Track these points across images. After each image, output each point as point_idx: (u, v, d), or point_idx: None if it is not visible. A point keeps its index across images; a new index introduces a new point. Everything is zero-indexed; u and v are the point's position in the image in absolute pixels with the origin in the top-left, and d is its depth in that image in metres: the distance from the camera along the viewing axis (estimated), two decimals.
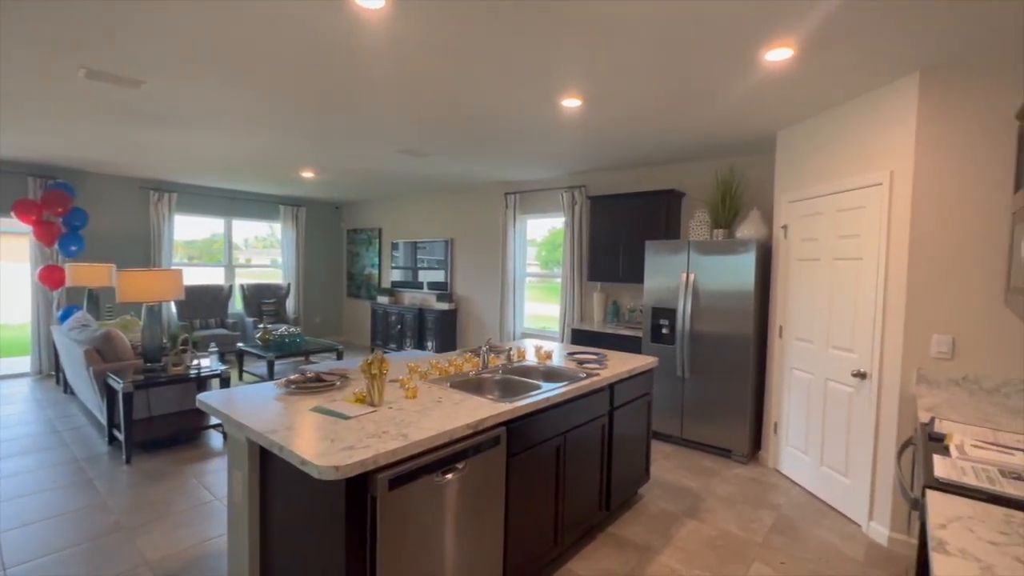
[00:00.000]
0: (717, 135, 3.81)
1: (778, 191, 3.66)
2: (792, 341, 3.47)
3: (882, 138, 2.73)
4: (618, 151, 4.43)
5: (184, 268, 7.08)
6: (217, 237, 7.68)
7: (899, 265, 2.61)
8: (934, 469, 1.42)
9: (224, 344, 6.68)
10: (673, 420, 4.07)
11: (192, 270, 7.38)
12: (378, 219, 8.37)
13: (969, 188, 2.42)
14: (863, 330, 2.83)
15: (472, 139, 4.14)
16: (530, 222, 6.34)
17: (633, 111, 3.28)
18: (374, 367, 1.89)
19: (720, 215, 4.12)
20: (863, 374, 2.81)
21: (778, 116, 3.32)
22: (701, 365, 3.90)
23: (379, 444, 1.51)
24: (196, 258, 7.63)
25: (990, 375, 2.39)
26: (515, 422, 1.99)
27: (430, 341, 6.96)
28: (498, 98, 3.09)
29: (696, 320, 3.92)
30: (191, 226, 7.40)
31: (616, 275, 4.97)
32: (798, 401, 3.39)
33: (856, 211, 2.90)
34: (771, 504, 3.08)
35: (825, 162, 3.18)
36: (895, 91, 2.65)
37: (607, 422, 2.64)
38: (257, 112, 3.50)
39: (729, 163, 4.53)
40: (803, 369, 3.35)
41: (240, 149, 4.69)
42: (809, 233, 3.31)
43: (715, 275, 3.81)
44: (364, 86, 2.93)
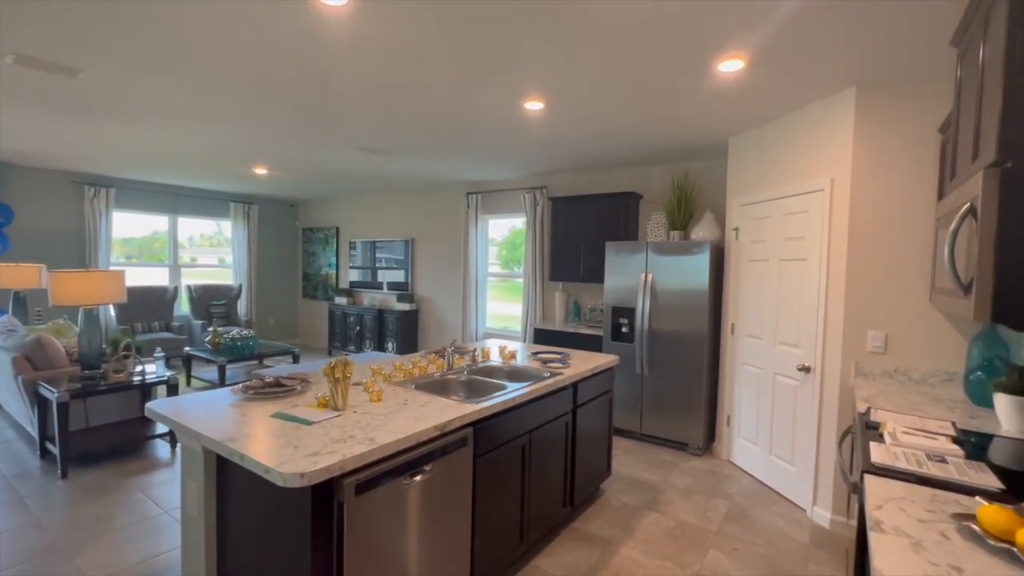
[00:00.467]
0: (674, 140, 3.95)
1: (730, 195, 3.84)
2: (743, 338, 3.64)
3: (823, 147, 2.92)
4: (579, 153, 4.52)
5: (124, 268, 6.69)
6: (159, 235, 7.26)
7: (839, 266, 2.79)
8: (871, 455, 1.54)
9: (170, 348, 6.33)
10: (632, 416, 4.19)
11: (133, 270, 6.94)
12: (335, 218, 8.16)
13: (900, 196, 2.63)
14: (807, 327, 3.01)
15: (434, 139, 4.12)
16: (491, 222, 6.36)
17: (594, 115, 3.36)
18: (337, 371, 1.85)
19: (676, 217, 4.28)
20: (807, 368, 2.99)
21: (730, 123, 3.48)
22: (659, 362, 4.04)
23: (345, 449, 1.49)
24: (135, 257, 7.16)
25: (918, 367, 2.60)
26: (482, 422, 2.00)
27: (391, 342, 6.85)
28: (461, 99, 3.09)
29: (654, 319, 4.05)
30: (130, 223, 6.95)
31: (577, 275, 5.07)
32: (749, 395, 3.57)
33: (801, 215, 3.09)
34: (725, 494, 3.23)
35: (773, 168, 3.36)
36: (834, 104, 2.84)
37: (571, 420, 2.69)
38: (207, 106, 3.34)
39: (685, 167, 4.71)
40: (753, 364, 3.53)
41: (188, 144, 4.46)
42: (758, 235, 3.49)
43: (672, 275, 3.95)
44: (324, 83, 2.86)
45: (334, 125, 3.76)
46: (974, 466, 1.47)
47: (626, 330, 4.23)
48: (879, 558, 1.03)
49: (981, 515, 1.10)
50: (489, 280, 6.43)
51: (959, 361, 2.51)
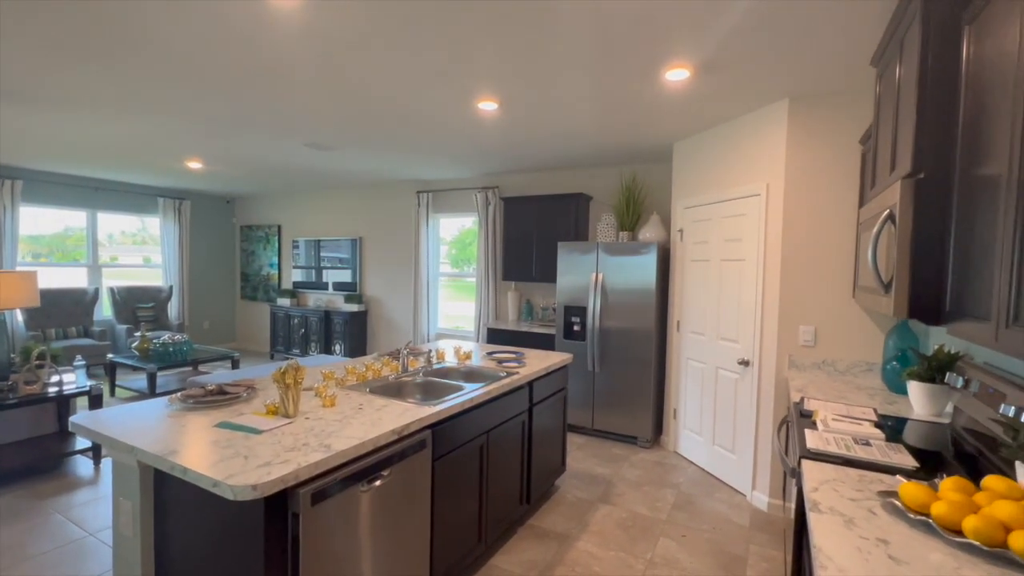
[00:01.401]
0: (623, 143, 4.08)
1: (675, 197, 4.01)
2: (688, 334, 3.82)
3: (760, 154, 3.11)
4: (531, 155, 4.56)
5: (34, 268, 6.06)
6: (72, 231, 6.63)
7: (774, 266, 2.99)
8: (806, 442, 1.66)
9: (91, 356, 5.82)
10: (585, 412, 4.29)
11: (44, 271, 6.31)
12: (277, 215, 7.79)
13: (826, 201, 2.85)
14: (746, 323, 3.20)
15: (385, 136, 4.03)
16: (442, 221, 6.30)
17: (548, 117, 3.40)
18: (288, 376, 1.77)
19: (625, 218, 4.42)
20: (746, 362, 3.18)
21: (675, 129, 3.64)
22: (610, 359, 4.16)
23: (300, 457, 1.43)
24: (44, 256, 6.49)
25: (842, 358, 2.84)
26: (440, 424, 1.98)
27: (338, 345, 6.63)
28: (414, 96, 3.04)
29: (605, 317, 4.16)
30: (38, 219, 6.29)
31: (530, 275, 5.12)
32: (693, 388, 3.75)
33: (739, 218, 3.28)
34: (672, 484, 3.38)
35: (714, 173, 3.54)
36: (769, 114, 3.04)
37: (527, 419, 2.72)
38: (137, 96, 3.09)
39: (633, 169, 4.87)
40: (697, 359, 3.71)
41: (111, 134, 4.11)
42: (701, 237, 3.67)
43: (621, 275, 4.08)
44: (268, 74, 2.73)
45: (277, 120, 3.59)
46: (893, 447, 1.62)
47: (578, 328, 4.32)
48: (817, 535, 1.12)
49: (902, 492, 1.22)
50: (440, 280, 6.36)
51: (877, 352, 2.76)
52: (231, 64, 2.60)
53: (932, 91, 1.39)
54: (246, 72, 2.71)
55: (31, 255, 6.40)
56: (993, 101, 1.13)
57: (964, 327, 1.22)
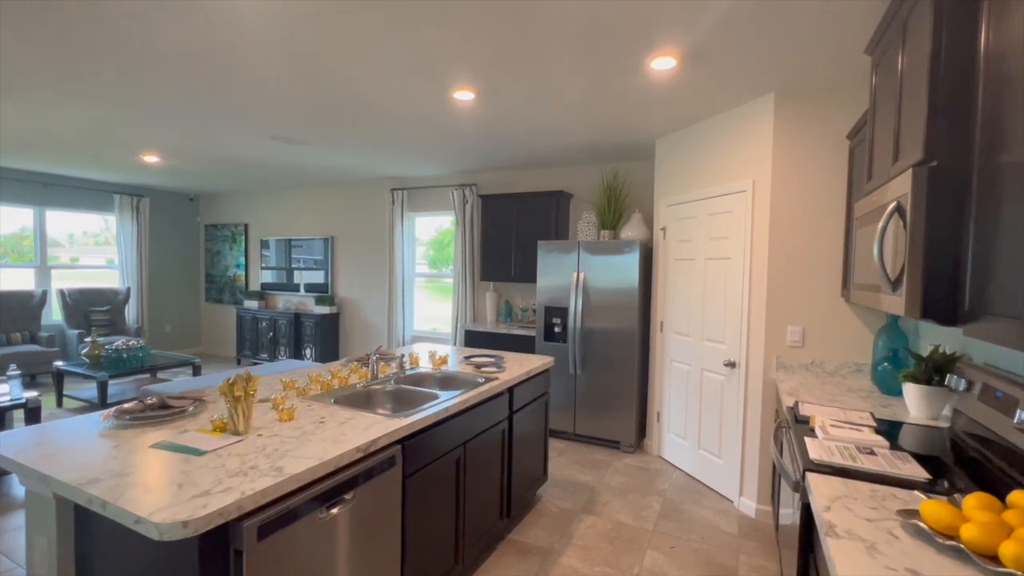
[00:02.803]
0: (604, 140, 3.95)
1: (657, 195, 3.91)
2: (672, 335, 3.72)
3: (746, 150, 3.02)
4: (510, 151, 4.40)
5: None
6: (28, 231, 6.19)
7: (761, 264, 2.90)
8: (808, 452, 1.55)
9: (36, 364, 5.41)
10: (566, 416, 4.15)
11: None
12: (244, 213, 7.44)
13: (814, 197, 2.77)
14: (732, 323, 3.11)
15: (357, 129, 3.81)
16: (418, 220, 6.09)
17: (527, 110, 3.25)
18: (237, 387, 1.57)
19: (606, 217, 4.30)
20: (733, 363, 3.09)
21: (658, 125, 3.53)
22: (592, 361, 4.03)
23: (245, 484, 1.24)
24: None
25: (831, 359, 2.76)
26: (412, 438, 1.80)
27: (309, 349, 6.35)
28: (387, 85, 2.84)
29: (587, 318, 4.03)
30: None
31: (508, 275, 4.96)
32: (678, 391, 3.64)
33: (725, 215, 3.18)
34: (658, 490, 3.26)
35: (698, 169, 3.45)
36: (755, 109, 2.95)
37: (507, 427, 2.56)
38: (79, 80, 2.81)
39: (614, 167, 4.76)
40: (682, 361, 3.60)
41: (54, 124, 3.78)
42: (685, 235, 3.57)
43: (603, 274, 3.95)
44: (229, 60, 2.49)
45: (239, 110, 3.35)
46: (900, 456, 1.51)
47: (559, 330, 4.18)
48: (840, 566, 0.99)
49: (925, 513, 1.10)
50: (418, 281, 6.15)
51: (866, 353, 2.69)
52: (175, 43, 2.36)
53: (947, 72, 1.29)
54: (194, 53, 2.47)
55: (6, 257, 5.96)
56: (1020, 80, 1.02)
57: (988, 327, 1.11)
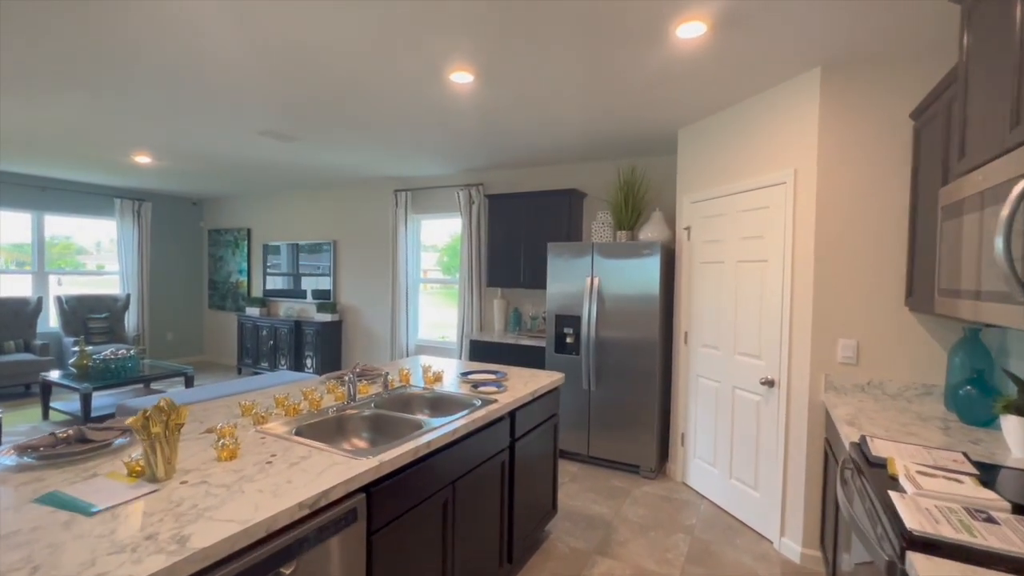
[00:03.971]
0: (620, 132, 3.58)
1: (680, 191, 3.52)
2: (698, 348, 3.31)
3: (785, 136, 2.62)
4: (517, 146, 4.06)
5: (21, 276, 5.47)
6: (57, 239, 6.33)
7: (805, 267, 2.49)
8: (901, 517, 1.15)
9: (28, 373, 5.22)
10: (579, 436, 3.76)
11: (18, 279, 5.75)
12: (246, 218, 7.23)
13: (870, 188, 2.36)
14: (770, 336, 2.70)
15: (349, 120, 3.51)
16: (429, 224, 5.77)
17: (533, 95, 2.90)
18: (154, 423, 1.23)
19: (623, 216, 3.92)
20: (771, 382, 2.67)
21: (681, 112, 3.15)
22: (608, 375, 3.63)
23: (125, 568, 0.89)
24: (27, 264, 6.08)
25: (892, 379, 2.33)
26: (382, 483, 1.45)
27: (310, 359, 6.06)
28: (375, 66, 2.52)
29: (602, 327, 3.65)
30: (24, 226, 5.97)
31: (517, 280, 4.60)
32: (705, 410, 3.23)
33: (760, 211, 2.78)
34: (684, 526, 2.85)
35: (727, 161, 3.05)
36: (798, 87, 2.55)
37: (508, 458, 2.19)
38: (52, 73, 2.55)
39: (631, 163, 4.38)
40: (709, 377, 3.19)
41: (32, 120, 3.56)
42: (712, 235, 3.17)
43: (620, 279, 3.57)
44: (206, 43, 2.20)
45: (218, 103, 3.07)
46: None
47: (571, 340, 3.80)
48: None
49: None
50: (428, 286, 5.82)
51: (936, 372, 2.26)
52: (144, 33, 2.07)
53: None
54: (161, 43, 2.18)
55: (15, 263, 5.97)
56: None
57: None
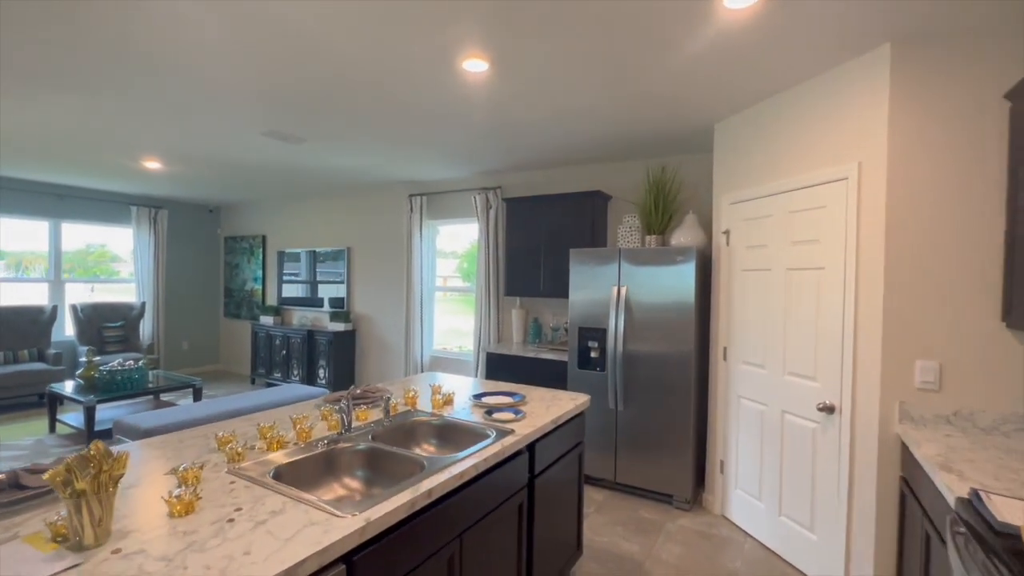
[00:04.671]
0: (649, 128, 3.27)
1: (717, 192, 3.19)
2: (739, 365, 2.96)
3: (846, 125, 2.28)
4: (535, 144, 3.78)
5: None
6: (94, 247, 6.48)
7: (873, 275, 2.14)
8: None
9: (40, 383, 5.14)
10: (605, 460, 3.42)
11: (6, 287, 5.71)
12: (262, 224, 7.12)
13: (954, 182, 2.00)
14: (828, 354, 2.34)
15: (356, 117, 3.29)
16: (447, 230, 5.54)
17: (552, 84, 2.63)
18: (79, 479, 0.98)
19: (653, 220, 3.60)
20: (830, 407, 2.31)
21: (718, 103, 2.83)
22: (637, 394, 3.30)
23: None
24: (67, 272, 6.22)
25: (984, 409, 1.96)
26: (368, 547, 1.17)
27: (323, 370, 5.86)
28: (380, 54, 2.28)
29: (630, 341, 3.32)
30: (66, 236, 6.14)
31: (536, 289, 4.31)
32: (748, 436, 2.87)
33: (814, 212, 2.44)
34: (727, 570, 2.50)
35: (774, 156, 2.72)
36: (862, 68, 2.21)
37: (526, 498, 1.89)
38: (43, 68, 2.39)
39: (661, 162, 4.06)
40: (753, 398, 2.84)
41: (35, 123, 3.44)
42: (756, 239, 2.83)
43: (650, 288, 3.24)
44: (196, 34, 2.00)
45: (221, 98, 2.88)
46: None
47: (596, 355, 3.48)
48: None
49: None
50: (447, 294, 5.58)
51: None
52: (138, 29, 1.87)
53: None
54: (154, 39, 1.98)
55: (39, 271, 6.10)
56: None
57: None
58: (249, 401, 3.82)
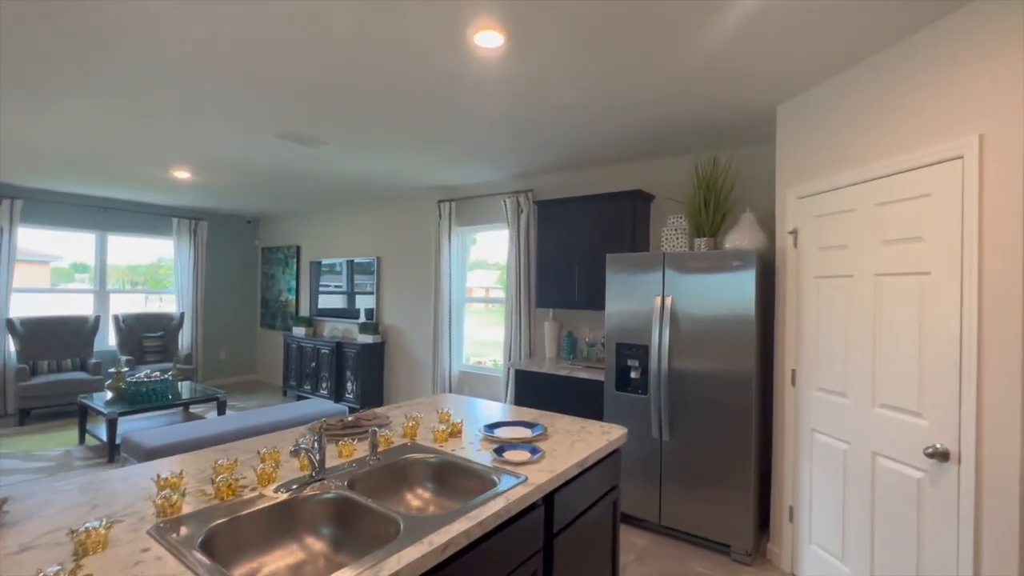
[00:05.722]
0: (697, 115, 2.84)
1: (781, 185, 2.70)
2: (811, 392, 2.45)
3: (959, 89, 1.78)
4: (568, 141, 3.42)
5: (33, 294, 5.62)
6: (164, 261, 6.85)
7: (1004, 282, 1.62)
8: None
9: (79, 392, 5.20)
10: (648, 498, 2.96)
11: (57, 297, 5.92)
12: (296, 235, 7.10)
13: None
14: (938, 383, 1.82)
15: (365, 114, 3.04)
16: (486, 238, 5.24)
17: (579, 59, 2.26)
18: None
19: (703, 220, 3.14)
20: (943, 453, 1.79)
21: (785, 76, 2.37)
22: (685, 421, 2.83)
23: None
24: (140, 284, 6.68)
25: None
26: None
27: (351, 383, 5.66)
28: (375, 29, 2.00)
29: (677, 358, 2.86)
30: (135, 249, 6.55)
31: (571, 300, 3.91)
32: (826, 480, 2.35)
33: (915, 202, 1.93)
34: None
35: (856, 137, 2.23)
36: (981, 16, 1.72)
37: (542, 564, 1.49)
38: (52, 71, 2.28)
39: (712, 155, 3.60)
40: (832, 435, 2.32)
41: (57, 133, 3.42)
42: (833, 239, 2.33)
43: (700, 298, 2.78)
44: (200, 30, 1.79)
45: (232, 96, 2.70)
46: None
47: (636, 375, 3.04)
48: None
49: None
50: (480, 305, 5.27)
51: None
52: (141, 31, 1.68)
53: None
54: (159, 21, 1.78)
55: (129, 283, 6.57)
56: None
57: None
58: (265, 418, 3.62)
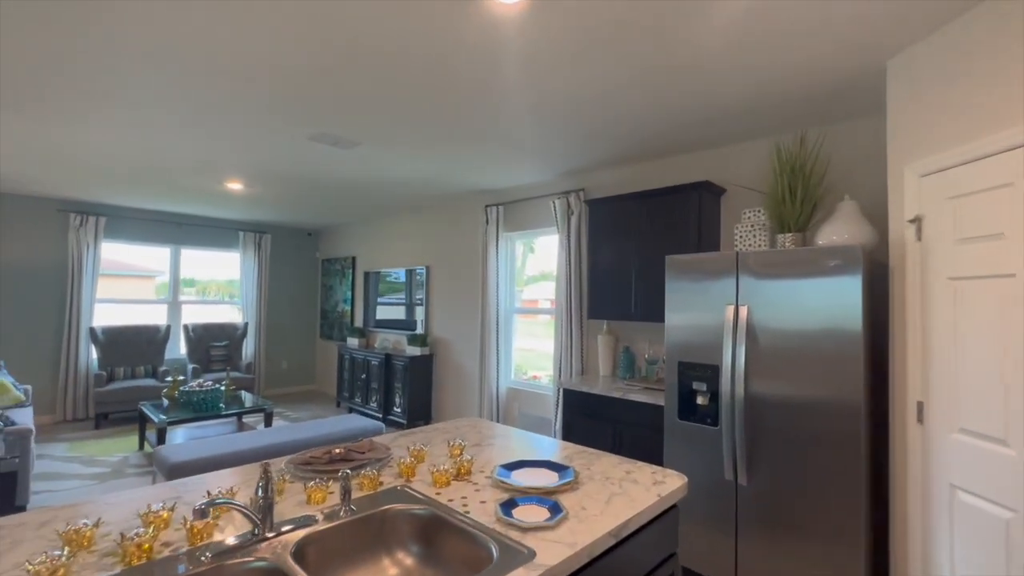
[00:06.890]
0: (779, 84, 2.31)
1: (895, 161, 2.10)
2: (950, 434, 1.82)
3: None
4: (620, 127, 2.98)
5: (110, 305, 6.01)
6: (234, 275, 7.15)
7: None
8: None
9: (147, 398, 5.43)
10: (720, 551, 2.41)
11: (201, 308, 6.54)
12: (352, 246, 7.13)
13: None
14: None
15: (394, 102, 2.80)
16: (519, 242, 4.91)
17: (618, 14, 1.85)
18: None
19: (787, 212, 2.57)
20: None
21: (895, 20, 1.81)
22: (767, 459, 2.27)
23: None
24: (211, 293, 7.13)
25: None
26: None
27: (399, 396, 5.48)
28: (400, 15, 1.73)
29: (755, 381, 2.32)
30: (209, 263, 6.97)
31: (627, 311, 3.43)
32: (975, 554, 1.71)
33: None
34: None
35: (1007, 87, 1.63)
36: None
37: None
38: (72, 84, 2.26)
39: (798, 134, 3.01)
40: (984, 495, 1.69)
41: (102, 147, 3.52)
42: (978, 226, 1.72)
43: (787, 307, 2.23)
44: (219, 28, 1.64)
45: (242, 99, 2.57)
46: None
47: (703, 400, 2.51)
48: None
49: None
50: (538, 318, 4.91)
51: None
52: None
53: None
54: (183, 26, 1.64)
55: (202, 294, 7.01)
56: None
57: None
58: (299, 434, 3.46)
